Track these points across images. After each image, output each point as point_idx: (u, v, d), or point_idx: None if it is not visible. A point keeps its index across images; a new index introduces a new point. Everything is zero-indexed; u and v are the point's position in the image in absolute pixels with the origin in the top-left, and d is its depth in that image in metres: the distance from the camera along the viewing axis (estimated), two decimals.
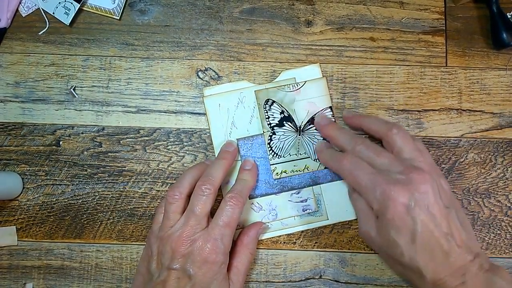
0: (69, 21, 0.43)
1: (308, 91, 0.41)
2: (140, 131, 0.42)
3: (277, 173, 0.41)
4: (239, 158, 0.41)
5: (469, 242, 0.33)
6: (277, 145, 0.41)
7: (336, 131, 0.39)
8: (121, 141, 0.42)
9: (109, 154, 0.42)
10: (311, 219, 0.41)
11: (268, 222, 0.41)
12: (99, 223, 0.42)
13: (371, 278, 0.41)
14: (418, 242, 0.32)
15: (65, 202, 0.42)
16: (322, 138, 0.41)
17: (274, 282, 0.41)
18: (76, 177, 0.42)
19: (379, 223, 0.35)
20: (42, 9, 0.43)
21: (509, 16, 0.42)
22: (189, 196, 0.36)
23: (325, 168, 0.41)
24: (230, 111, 0.41)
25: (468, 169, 0.42)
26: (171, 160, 0.42)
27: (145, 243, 0.41)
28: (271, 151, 0.41)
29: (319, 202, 0.41)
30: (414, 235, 0.32)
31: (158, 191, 0.42)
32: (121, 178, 0.42)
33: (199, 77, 0.43)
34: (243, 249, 0.38)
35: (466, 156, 0.42)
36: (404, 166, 0.34)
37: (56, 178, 0.42)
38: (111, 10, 0.43)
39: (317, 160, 0.41)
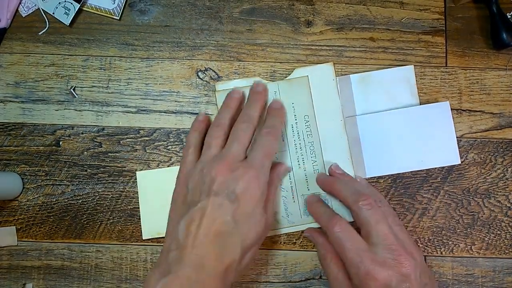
0: (69, 21, 0.43)
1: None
2: (140, 131, 0.42)
3: None
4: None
5: None
6: None
7: (340, 183, 0.39)
8: (121, 141, 0.42)
9: (109, 154, 0.42)
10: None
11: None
12: (99, 223, 0.42)
13: None
14: None
15: (65, 202, 0.42)
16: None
17: (274, 282, 0.41)
18: (76, 177, 0.42)
19: None
20: (42, 9, 0.43)
21: (509, 16, 0.42)
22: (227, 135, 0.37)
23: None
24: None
25: (468, 169, 0.42)
26: (171, 160, 0.42)
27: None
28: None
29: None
30: None
31: None
32: (121, 178, 0.42)
33: (199, 77, 0.43)
34: (272, 181, 0.39)
35: (466, 156, 0.42)
36: (394, 245, 0.34)
37: (56, 178, 0.42)
38: (111, 10, 0.43)
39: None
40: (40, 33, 0.43)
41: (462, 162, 0.42)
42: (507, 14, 0.42)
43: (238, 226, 0.33)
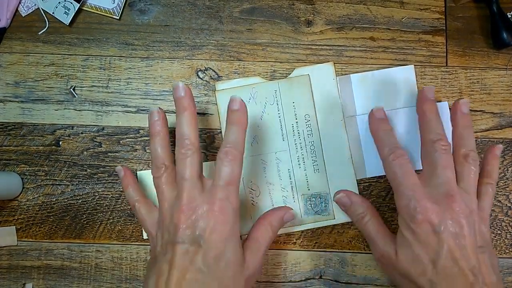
0: (69, 21, 0.43)
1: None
2: (140, 131, 0.42)
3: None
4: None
5: None
6: None
7: (433, 115, 0.36)
8: (121, 141, 0.42)
9: (109, 154, 0.42)
10: (317, 218, 0.41)
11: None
12: (99, 223, 0.42)
13: (371, 278, 0.41)
14: (440, 266, 0.31)
15: (64, 202, 0.42)
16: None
17: (274, 282, 0.41)
18: (76, 177, 0.42)
19: (400, 238, 0.33)
20: (42, 9, 0.43)
21: (509, 16, 0.42)
22: (173, 164, 0.34)
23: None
24: None
25: None
26: None
27: (143, 243, 0.41)
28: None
29: (327, 202, 0.41)
30: (437, 258, 0.31)
31: None
32: None
33: (199, 77, 0.43)
34: (264, 222, 0.36)
35: None
36: (453, 192, 0.33)
37: (56, 178, 0.42)
38: (111, 10, 0.43)
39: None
40: (39, 33, 0.43)
41: None
42: (508, 13, 0.42)
43: (211, 271, 0.30)
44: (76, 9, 0.43)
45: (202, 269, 0.30)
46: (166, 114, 0.42)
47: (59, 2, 0.43)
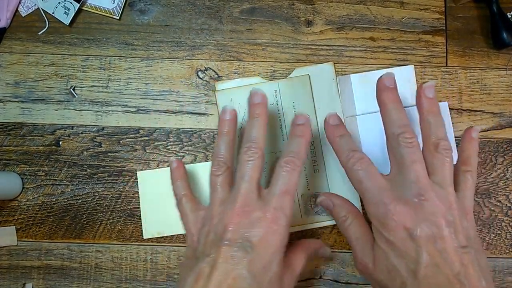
0: (69, 21, 0.43)
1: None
2: (140, 131, 0.42)
3: None
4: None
5: None
6: None
7: (390, 111, 0.33)
8: (121, 141, 0.42)
9: (109, 154, 0.42)
10: (317, 218, 0.41)
11: None
12: (99, 223, 0.42)
13: None
14: (421, 276, 0.28)
15: (64, 202, 0.42)
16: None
17: None
18: (76, 177, 0.42)
19: (376, 248, 0.31)
20: (42, 9, 0.43)
21: (509, 16, 0.42)
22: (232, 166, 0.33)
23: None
24: (241, 106, 0.41)
25: None
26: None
27: (142, 244, 0.41)
28: None
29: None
30: (416, 268, 0.28)
31: None
32: (121, 178, 0.42)
33: (199, 77, 0.43)
34: (301, 251, 0.34)
35: None
36: (424, 189, 0.30)
37: (56, 178, 0.42)
38: (111, 10, 0.43)
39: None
40: (39, 33, 0.43)
41: None
42: (508, 13, 0.42)
43: (255, 280, 0.28)
44: (76, 9, 0.43)
45: (245, 277, 0.28)
46: (166, 114, 0.42)
47: (59, 2, 0.43)
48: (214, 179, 0.33)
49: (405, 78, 0.42)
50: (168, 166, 0.42)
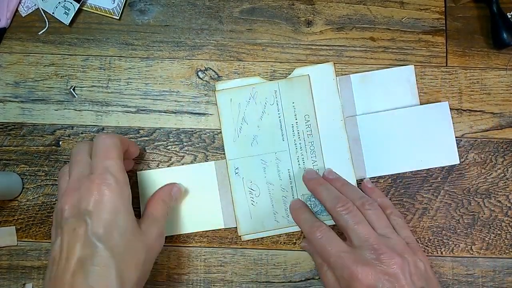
0: (69, 21, 0.43)
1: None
2: (140, 131, 0.42)
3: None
4: None
5: None
6: None
7: (322, 187, 0.38)
8: None
9: None
10: (317, 218, 0.41)
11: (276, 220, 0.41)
12: None
13: None
14: None
15: None
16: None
17: (274, 282, 0.41)
18: None
19: None
20: (42, 9, 0.43)
21: (509, 16, 0.42)
22: None
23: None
24: (241, 106, 0.41)
25: (469, 169, 0.42)
26: (171, 160, 0.42)
27: None
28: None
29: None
30: None
31: None
32: None
33: (199, 77, 0.43)
34: (157, 198, 0.37)
35: (467, 156, 0.42)
36: (377, 244, 0.33)
37: (56, 178, 0.42)
38: (111, 10, 0.43)
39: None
40: (39, 33, 0.43)
41: (462, 162, 0.42)
42: (508, 13, 0.42)
43: (102, 240, 0.30)
44: (76, 9, 0.43)
45: (91, 241, 0.30)
46: (166, 114, 0.42)
47: (59, 2, 0.43)
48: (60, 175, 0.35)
49: (405, 78, 0.42)
50: (168, 166, 0.42)
